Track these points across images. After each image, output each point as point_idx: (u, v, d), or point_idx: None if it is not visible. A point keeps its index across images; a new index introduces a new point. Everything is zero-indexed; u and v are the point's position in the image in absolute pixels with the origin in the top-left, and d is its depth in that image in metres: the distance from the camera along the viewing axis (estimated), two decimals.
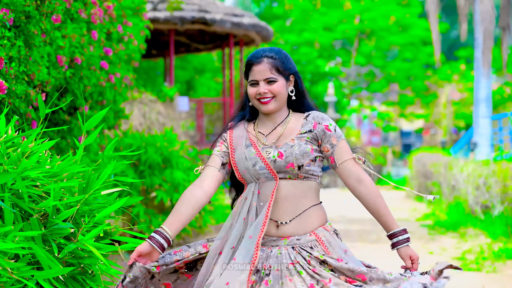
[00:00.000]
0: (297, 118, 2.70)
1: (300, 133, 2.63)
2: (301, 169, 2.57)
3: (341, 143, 2.63)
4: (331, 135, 2.62)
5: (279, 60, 2.63)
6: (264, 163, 2.58)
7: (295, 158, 2.56)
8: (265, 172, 2.59)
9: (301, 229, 2.58)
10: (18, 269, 2.02)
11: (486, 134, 13.05)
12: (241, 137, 2.69)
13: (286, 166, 2.57)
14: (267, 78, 2.61)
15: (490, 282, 5.82)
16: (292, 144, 2.60)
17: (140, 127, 9.30)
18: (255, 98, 2.64)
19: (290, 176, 2.58)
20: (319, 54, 25.77)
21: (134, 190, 6.63)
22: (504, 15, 13.56)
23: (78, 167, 2.42)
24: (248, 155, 2.62)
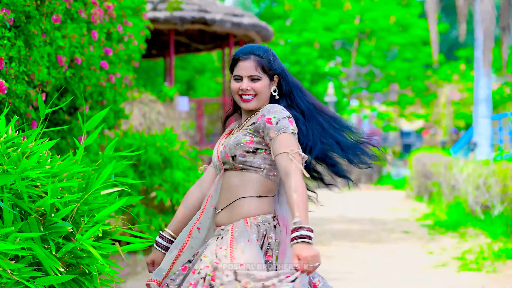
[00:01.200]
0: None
1: (246, 125, 2.64)
2: (235, 160, 2.57)
3: (280, 136, 2.50)
4: (271, 127, 2.52)
5: (266, 59, 2.65)
6: (217, 155, 2.68)
7: (229, 149, 2.60)
8: (218, 164, 2.67)
9: (229, 219, 2.60)
10: (19, 270, 2.02)
11: (486, 134, 13.05)
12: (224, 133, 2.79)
13: (225, 156, 2.62)
14: (251, 75, 2.63)
15: (490, 282, 5.82)
16: (234, 136, 2.64)
17: (140, 127, 9.30)
18: (237, 93, 2.67)
19: (229, 167, 2.62)
20: (319, 54, 25.76)
21: (134, 190, 6.63)
22: (504, 15, 13.56)
23: (78, 167, 2.42)
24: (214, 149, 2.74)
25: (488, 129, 12.91)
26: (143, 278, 5.88)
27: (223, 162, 2.63)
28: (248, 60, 2.64)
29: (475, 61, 13.54)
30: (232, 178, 2.61)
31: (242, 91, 2.63)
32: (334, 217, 11.29)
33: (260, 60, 2.64)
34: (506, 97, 24.16)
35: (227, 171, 2.62)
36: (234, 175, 2.60)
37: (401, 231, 9.38)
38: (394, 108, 28.02)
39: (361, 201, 14.73)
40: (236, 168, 2.59)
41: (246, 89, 2.62)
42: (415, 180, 15.51)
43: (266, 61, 2.65)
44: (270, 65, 2.66)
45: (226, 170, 2.63)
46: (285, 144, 2.49)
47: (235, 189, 2.60)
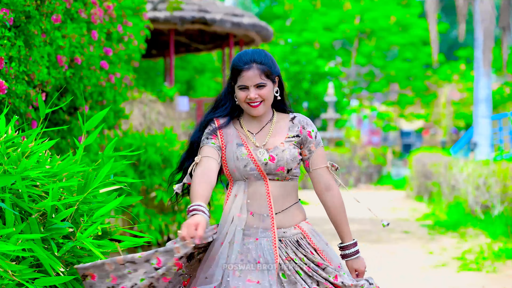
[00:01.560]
0: (282, 118, 2.81)
1: (288, 136, 2.75)
2: (289, 172, 2.71)
3: (318, 150, 2.77)
4: (312, 141, 2.76)
5: (267, 65, 2.71)
6: (255, 165, 2.68)
7: (286, 163, 2.69)
8: (255, 173, 2.68)
9: (286, 222, 2.72)
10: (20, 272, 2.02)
11: (486, 134, 13.05)
12: (231, 135, 2.75)
13: (276, 169, 2.69)
14: (257, 83, 2.68)
15: (490, 282, 5.82)
16: (283, 148, 2.71)
17: (140, 127, 9.30)
18: (244, 102, 2.71)
19: (278, 178, 2.71)
20: (319, 54, 25.77)
21: (134, 190, 6.63)
22: (504, 15, 13.57)
23: (78, 167, 2.42)
24: (239, 155, 2.69)
25: (488, 129, 12.91)
26: None
27: (269, 173, 2.69)
28: (251, 69, 2.68)
29: (475, 61, 13.54)
30: (277, 187, 2.71)
31: (250, 99, 2.69)
32: None
33: (262, 67, 2.69)
34: (506, 97, 24.17)
35: (271, 181, 2.70)
36: (279, 185, 2.72)
37: (401, 231, 9.38)
38: (394, 108, 28.03)
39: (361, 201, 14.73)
40: (286, 179, 2.72)
41: (255, 98, 2.69)
42: (415, 180, 15.51)
43: (268, 66, 2.71)
44: (272, 69, 2.72)
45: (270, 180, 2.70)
46: (323, 158, 2.79)
47: (283, 197, 2.73)
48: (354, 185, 20.32)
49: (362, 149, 22.03)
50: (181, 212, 7.26)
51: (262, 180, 2.68)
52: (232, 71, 2.74)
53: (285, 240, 2.69)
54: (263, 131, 2.76)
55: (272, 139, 2.74)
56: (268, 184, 2.69)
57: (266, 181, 2.69)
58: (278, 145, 2.71)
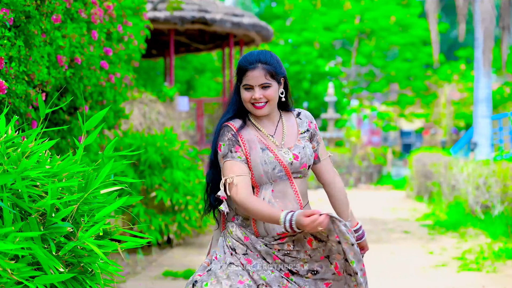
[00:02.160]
0: (289, 116, 2.85)
1: (301, 133, 2.80)
2: (309, 169, 2.78)
3: (322, 142, 2.87)
4: (318, 133, 2.86)
5: (272, 65, 2.71)
6: (283, 167, 2.70)
7: (308, 159, 2.75)
8: (282, 174, 2.71)
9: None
10: (19, 270, 2.02)
11: (486, 134, 13.05)
12: (253, 140, 2.71)
13: (300, 167, 2.73)
14: (262, 83, 2.68)
15: (490, 282, 5.82)
16: (302, 145, 2.76)
17: (140, 127, 9.30)
18: (249, 102, 2.71)
19: (300, 176, 2.75)
20: (319, 54, 25.78)
21: (134, 190, 6.63)
22: (504, 15, 13.56)
23: (78, 167, 2.42)
24: (267, 159, 2.69)
25: (488, 129, 12.91)
26: (143, 278, 5.89)
27: (294, 171, 2.72)
28: (256, 69, 2.68)
29: (475, 61, 13.54)
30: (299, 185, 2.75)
31: (255, 100, 2.69)
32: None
33: (267, 68, 2.69)
34: (506, 97, 24.17)
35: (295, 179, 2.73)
36: (301, 182, 2.77)
37: (401, 231, 9.38)
38: (394, 108, 28.03)
39: (361, 201, 14.74)
40: (305, 176, 2.77)
41: (259, 98, 2.69)
42: (415, 180, 15.51)
43: (273, 67, 2.71)
44: (277, 70, 2.72)
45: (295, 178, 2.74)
46: (325, 149, 2.90)
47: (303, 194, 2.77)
48: (354, 185, 20.32)
49: (362, 149, 22.04)
50: (181, 212, 7.26)
51: (287, 179, 2.71)
52: (237, 71, 2.74)
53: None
54: (278, 131, 2.79)
55: (288, 138, 2.77)
56: (293, 183, 2.72)
57: (291, 180, 2.72)
58: (296, 143, 2.76)
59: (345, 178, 20.13)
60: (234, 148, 2.68)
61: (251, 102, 2.70)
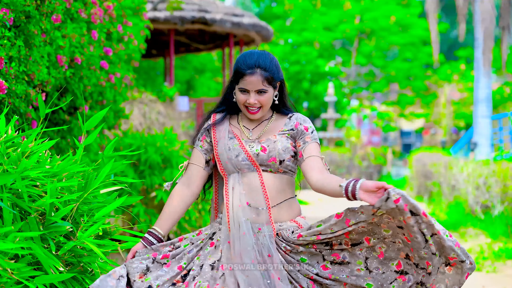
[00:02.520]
0: (280, 118, 2.83)
1: (282, 130, 2.77)
2: (282, 164, 2.71)
3: (313, 143, 2.74)
4: (307, 134, 2.76)
5: (271, 71, 2.71)
6: (247, 155, 2.70)
7: (278, 153, 2.69)
8: (247, 163, 2.70)
9: (282, 216, 2.71)
10: (19, 270, 2.02)
11: (486, 134, 13.05)
12: (224, 130, 2.79)
13: (268, 160, 2.70)
14: (259, 89, 2.69)
15: (490, 282, 5.82)
16: (275, 139, 2.73)
17: (140, 127, 9.30)
18: (243, 105, 2.74)
19: (271, 170, 2.71)
20: (319, 54, 25.77)
21: (134, 190, 6.63)
22: (504, 15, 13.56)
23: (78, 167, 2.42)
24: (231, 146, 2.73)
25: (488, 129, 12.90)
26: None
27: (261, 164, 2.69)
28: (254, 74, 2.68)
29: (475, 61, 13.54)
30: (271, 178, 2.70)
31: (248, 104, 2.71)
32: None
33: (265, 74, 2.69)
34: (506, 97, 24.16)
35: (264, 172, 2.70)
36: (273, 176, 2.71)
37: None
38: (394, 108, 28.03)
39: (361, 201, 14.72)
40: (279, 171, 2.71)
41: (254, 103, 2.70)
42: (415, 180, 15.51)
43: (271, 73, 2.71)
44: (275, 76, 2.73)
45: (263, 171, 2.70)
46: (318, 151, 2.75)
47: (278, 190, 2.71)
48: None
49: (362, 149, 22.03)
50: None
51: (255, 171, 2.69)
52: (235, 72, 2.74)
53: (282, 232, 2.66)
54: (259, 127, 2.79)
55: (266, 133, 2.77)
56: (262, 176, 2.69)
57: (259, 172, 2.69)
58: (270, 137, 2.73)
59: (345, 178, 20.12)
60: (201, 136, 2.82)
61: (245, 105, 2.73)
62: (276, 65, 2.74)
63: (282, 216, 2.70)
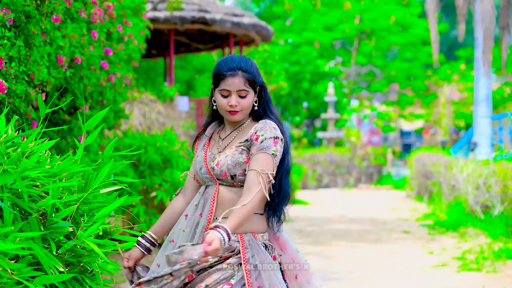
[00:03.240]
0: (251, 125, 2.75)
1: (241, 141, 2.69)
2: (234, 179, 2.63)
3: (259, 154, 2.59)
4: (255, 144, 2.62)
5: (251, 74, 2.70)
6: (207, 169, 2.70)
7: (227, 169, 2.63)
8: (207, 177, 2.70)
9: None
10: (19, 270, 2.02)
11: (486, 134, 13.05)
12: (202, 140, 2.83)
13: (221, 174, 2.66)
14: (240, 90, 2.67)
15: (490, 282, 5.82)
16: (227, 154, 2.67)
17: (140, 127, 9.30)
18: (224, 110, 2.71)
19: (226, 184, 2.67)
20: (319, 54, 25.78)
21: (134, 190, 6.63)
22: (504, 15, 13.56)
23: (78, 167, 2.42)
24: (198, 158, 2.76)
25: (488, 129, 12.90)
26: None
27: (218, 178, 2.67)
28: (236, 76, 2.67)
29: (475, 61, 13.54)
30: (228, 192, 2.66)
31: (230, 107, 2.68)
32: (334, 217, 11.29)
33: (247, 76, 2.68)
34: (506, 97, 24.17)
35: (221, 186, 2.67)
36: (232, 191, 2.66)
37: (401, 231, 9.39)
38: (394, 108, 28.04)
39: (361, 201, 14.74)
40: (235, 185, 2.65)
41: (235, 105, 2.67)
42: (415, 180, 15.51)
43: (252, 75, 2.70)
44: (256, 79, 2.71)
45: (220, 184, 2.68)
46: (260, 163, 2.57)
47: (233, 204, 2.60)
48: (354, 185, 20.32)
49: (362, 149, 22.04)
50: None
51: (214, 184, 2.69)
52: (215, 75, 2.72)
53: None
54: (229, 136, 2.76)
55: (230, 144, 2.72)
56: (218, 189, 2.67)
57: (217, 185, 2.68)
58: (227, 150, 2.68)
59: (345, 178, 20.13)
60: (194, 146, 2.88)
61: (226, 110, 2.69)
62: (257, 69, 2.73)
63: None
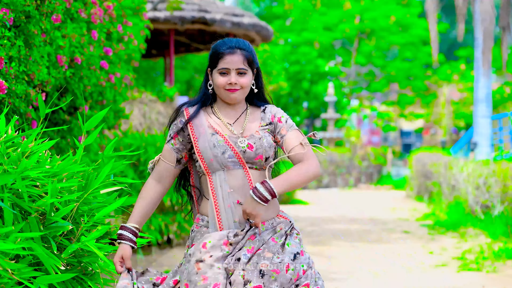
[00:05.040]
0: (255, 110, 2.78)
1: (261, 125, 2.72)
2: (267, 161, 2.67)
3: (290, 132, 2.69)
4: (282, 125, 2.70)
5: (249, 52, 2.70)
6: (234, 152, 2.62)
7: (265, 150, 2.64)
8: (233, 161, 2.63)
9: (269, 213, 2.65)
10: (19, 270, 2.02)
11: (486, 134, 13.05)
12: (202, 126, 2.69)
13: (255, 157, 2.64)
14: (240, 68, 2.66)
15: (490, 282, 5.82)
16: (259, 136, 2.67)
17: (140, 127, 9.30)
18: (223, 88, 2.67)
19: (256, 167, 2.66)
20: (319, 54, 25.78)
21: (134, 190, 6.63)
22: (504, 15, 13.56)
23: (78, 167, 2.42)
24: (216, 143, 2.64)
25: (488, 129, 12.90)
26: None
27: (249, 161, 2.64)
28: (235, 54, 2.66)
29: (475, 61, 13.54)
30: (256, 175, 2.65)
31: (230, 85, 2.66)
32: (334, 217, 11.29)
33: (246, 54, 2.68)
34: (506, 97, 24.17)
35: (251, 170, 2.64)
36: (259, 174, 2.66)
37: (401, 231, 9.38)
38: (394, 108, 28.04)
39: (361, 201, 14.74)
40: (263, 168, 2.66)
41: (235, 83, 2.65)
42: (415, 180, 15.51)
43: (251, 54, 2.70)
44: (254, 58, 2.71)
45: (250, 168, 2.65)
46: (296, 137, 2.67)
47: None
48: (354, 185, 20.32)
49: (362, 149, 22.04)
50: (181, 212, 7.27)
51: (242, 168, 2.63)
52: (212, 55, 2.72)
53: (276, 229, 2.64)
54: (239, 120, 2.72)
55: (248, 128, 2.70)
56: (248, 173, 2.63)
57: (246, 169, 2.63)
58: (254, 133, 2.68)
59: (345, 178, 20.12)
60: (173, 134, 2.74)
61: (225, 88, 2.67)
62: (253, 50, 2.74)
63: (269, 213, 2.65)
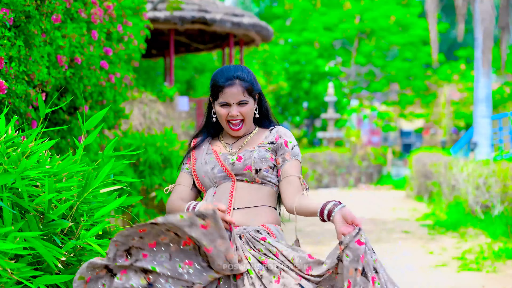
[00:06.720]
0: (262, 131, 2.79)
1: (262, 143, 2.72)
2: (258, 173, 2.64)
3: (293, 161, 2.67)
4: (287, 150, 2.69)
5: (249, 82, 2.69)
6: (222, 166, 2.65)
7: (253, 162, 2.63)
8: (222, 175, 2.65)
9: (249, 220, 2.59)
10: (19, 270, 2.02)
11: (486, 134, 13.05)
12: (203, 149, 2.77)
13: (243, 168, 2.64)
14: (240, 101, 2.67)
15: (490, 282, 5.82)
16: (252, 150, 2.68)
17: (140, 127, 9.30)
18: (225, 120, 2.70)
19: (247, 179, 2.65)
20: (319, 54, 25.78)
21: (134, 190, 6.63)
22: (504, 15, 13.57)
23: (78, 166, 2.42)
24: (208, 160, 2.70)
25: (488, 129, 12.91)
26: None
27: (237, 174, 2.64)
28: (234, 86, 2.66)
29: (475, 61, 13.55)
30: (246, 188, 2.64)
31: (231, 117, 2.68)
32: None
33: (245, 84, 2.68)
34: (506, 97, 24.16)
35: (239, 182, 2.64)
36: (248, 186, 2.64)
37: (401, 231, 9.38)
38: (394, 108, 28.03)
39: (361, 201, 14.74)
40: (255, 181, 2.64)
41: (236, 115, 2.67)
42: (415, 180, 15.51)
43: (250, 83, 2.69)
44: (254, 86, 2.71)
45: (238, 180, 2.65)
46: (297, 170, 2.66)
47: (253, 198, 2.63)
48: (354, 185, 20.31)
49: (362, 149, 22.03)
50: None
51: (230, 180, 2.64)
52: (213, 87, 2.72)
53: (245, 235, 2.53)
54: (239, 141, 2.75)
55: (246, 146, 2.73)
56: (234, 183, 2.63)
57: (233, 181, 2.64)
58: (248, 148, 2.70)
59: (345, 178, 20.12)
60: (186, 160, 2.81)
61: (227, 120, 2.69)
62: (253, 77, 2.73)
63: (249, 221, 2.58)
